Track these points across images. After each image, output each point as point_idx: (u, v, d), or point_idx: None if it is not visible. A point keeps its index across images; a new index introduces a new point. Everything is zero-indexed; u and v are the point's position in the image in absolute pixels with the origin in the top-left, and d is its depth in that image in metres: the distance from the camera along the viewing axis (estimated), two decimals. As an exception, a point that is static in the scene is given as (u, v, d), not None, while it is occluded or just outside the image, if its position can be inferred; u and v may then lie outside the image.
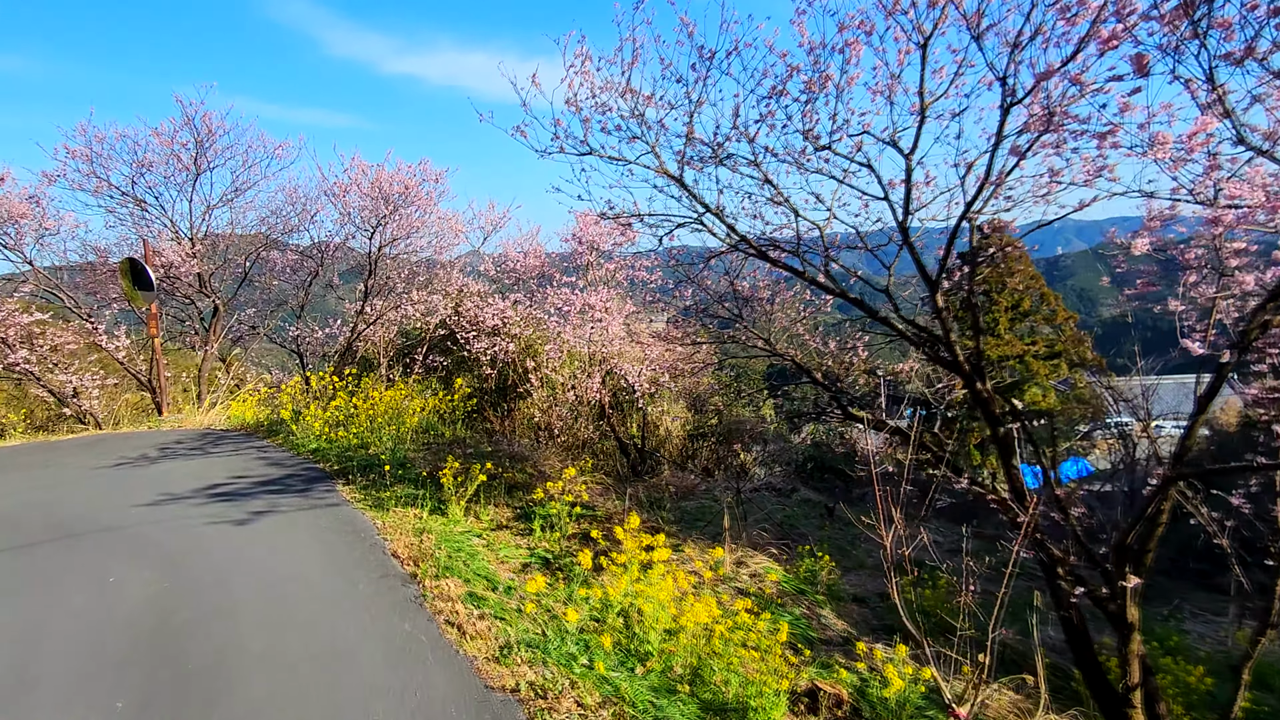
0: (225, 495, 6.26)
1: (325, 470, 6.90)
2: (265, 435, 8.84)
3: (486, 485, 5.91)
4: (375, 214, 14.04)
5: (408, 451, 7.28)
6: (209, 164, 12.76)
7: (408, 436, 7.58)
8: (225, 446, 8.39)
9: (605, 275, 16.82)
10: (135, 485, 7.04)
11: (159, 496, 6.43)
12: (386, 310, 15.24)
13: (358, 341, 15.49)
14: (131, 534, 5.39)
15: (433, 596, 3.87)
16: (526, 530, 5.58)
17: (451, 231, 15.58)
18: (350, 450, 7.32)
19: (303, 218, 14.47)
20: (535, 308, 15.94)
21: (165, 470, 7.55)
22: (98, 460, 8.42)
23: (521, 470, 6.85)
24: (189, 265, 13.07)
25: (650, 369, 15.71)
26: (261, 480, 6.67)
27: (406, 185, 13.77)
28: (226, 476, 6.92)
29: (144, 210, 13.01)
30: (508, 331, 15.54)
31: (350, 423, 7.67)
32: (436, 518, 5.54)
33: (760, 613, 4.60)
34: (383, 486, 6.13)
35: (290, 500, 5.93)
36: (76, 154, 12.08)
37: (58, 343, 12.23)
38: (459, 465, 5.88)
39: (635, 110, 5.95)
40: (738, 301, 8.55)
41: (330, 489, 6.24)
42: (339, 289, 16.49)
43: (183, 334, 14.80)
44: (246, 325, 15.38)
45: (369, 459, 6.94)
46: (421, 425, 7.94)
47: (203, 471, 7.30)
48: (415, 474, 6.52)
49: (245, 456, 7.75)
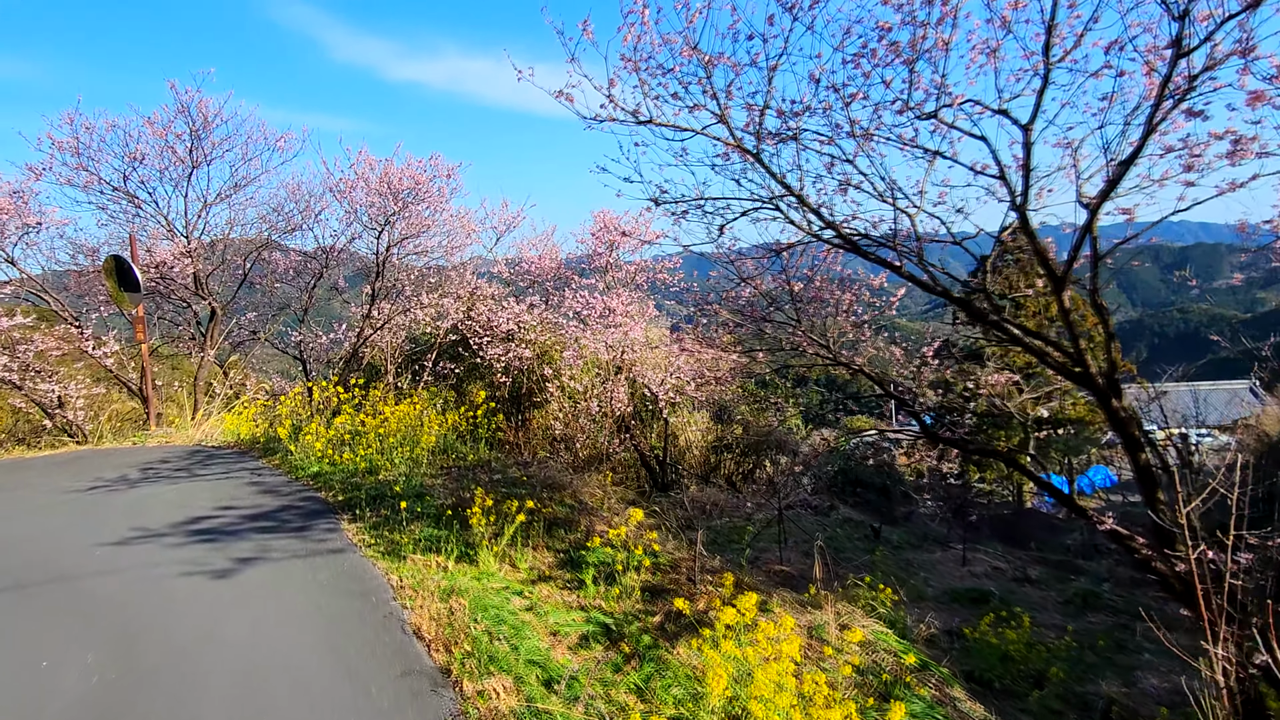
0: (207, 533, 5.12)
1: (328, 501, 5.75)
2: (261, 454, 7.71)
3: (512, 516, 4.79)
4: (383, 211, 12.93)
5: (424, 477, 6.14)
6: (206, 157, 11.64)
7: (424, 458, 6.44)
8: (215, 468, 7.26)
9: (625, 277, 15.72)
10: (107, 516, 5.91)
11: (131, 532, 5.30)
12: (395, 314, 14.12)
13: (364, 347, 14.35)
14: (88, 588, 4.26)
15: (478, 718, 2.73)
16: (576, 583, 4.43)
17: (464, 231, 14.46)
18: (357, 475, 6.18)
19: (306, 215, 13.35)
20: (551, 311, 14.83)
21: (144, 496, 6.42)
22: (72, 482, 7.29)
23: (559, 501, 5.71)
24: (184, 265, 11.95)
25: (674, 377, 14.61)
26: (252, 513, 5.53)
27: (417, 180, 12.66)
28: (212, 507, 5.78)
29: (138, 208, 11.91)
30: (523, 337, 14.42)
31: (357, 442, 6.54)
32: (465, 568, 4.40)
33: (889, 699, 3.48)
34: (397, 525, 4.98)
35: (284, 543, 4.78)
36: (63, 146, 10.96)
37: (42, 348, 11.11)
38: (489, 499, 4.74)
39: (702, 71, 4.83)
40: (795, 304, 7.43)
41: (333, 526, 5.10)
42: (344, 292, 15.38)
43: (177, 339, 13.67)
44: (247, 330, 14.25)
45: (379, 487, 5.79)
46: (439, 445, 6.81)
47: (186, 499, 6.16)
48: (435, 507, 5.37)
49: (236, 481, 6.61)
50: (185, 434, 9.34)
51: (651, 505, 9.96)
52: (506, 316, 13.99)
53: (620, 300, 14.19)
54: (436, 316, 14.29)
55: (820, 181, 5.62)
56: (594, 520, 5.52)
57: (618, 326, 14.03)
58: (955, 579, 10.18)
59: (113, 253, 9.82)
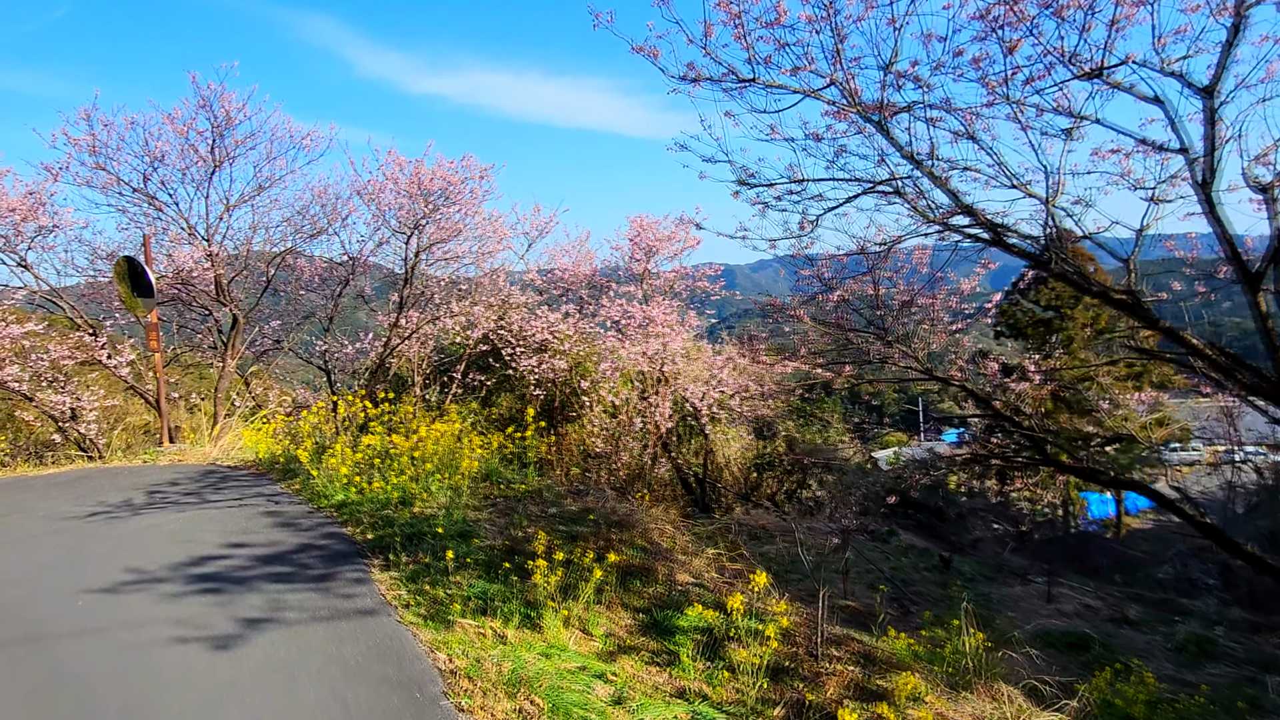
0: (211, 580, 4.18)
1: (355, 539, 4.79)
2: (280, 477, 6.79)
3: (576, 563, 3.80)
4: (413, 214, 12.08)
5: (467, 510, 5.16)
6: (229, 155, 10.86)
7: (465, 487, 5.47)
8: (228, 493, 6.34)
9: (663, 285, 14.78)
10: (100, 551, 5.00)
11: (124, 575, 4.38)
12: (423, 323, 13.23)
13: (391, 358, 13.48)
14: (58, 657, 3.33)
15: None
16: (667, 657, 3.43)
17: (495, 236, 13.56)
18: (389, 507, 5.22)
19: (333, 219, 12.52)
20: (586, 320, 13.89)
21: (145, 528, 5.51)
22: (71, 506, 6.42)
23: (629, 542, 4.71)
24: (205, 269, 11.15)
25: (717, 390, 13.61)
26: (265, 554, 4.59)
27: (449, 181, 11.79)
28: (220, 544, 4.85)
29: (159, 211, 11.14)
30: (556, 347, 13.49)
31: (388, 466, 5.59)
32: (528, 636, 3.42)
33: None
34: (440, 575, 4.00)
35: (302, 597, 3.83)
36: (79, 143, 10.23)
37: (56, 357, 10.33)
38: (552, 543, 3.76)
39: (822, 22, 3.87)
40: (882, 311, 6.42)
41: (362, 575, 4.13)
42: (371, 300, 14.54)
43: (197, 347, 12.88)
44: (270, 339, 13.43)
45: (416, 523, 4.82)
46: (481, 471, 5.83)
47: (192, 533, 5.24)
48: (484, 551, 4.39)
49: (249, 510, 5.68)
50: (200, 451, 8.46)
51: (695, 528, 8.95)
52: (540, 325, 13.06)
53: (660, 309, 13.24)
54: (466, 325, 13.39)
55: (934, 160, 4.62)
56: (672, 567, 4.52)
57: (658, 336, 13.07)
58: (1044, 619, 9.01)
59: (125, 254, 9.00)
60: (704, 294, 15.28)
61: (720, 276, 15.38)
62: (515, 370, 13.22)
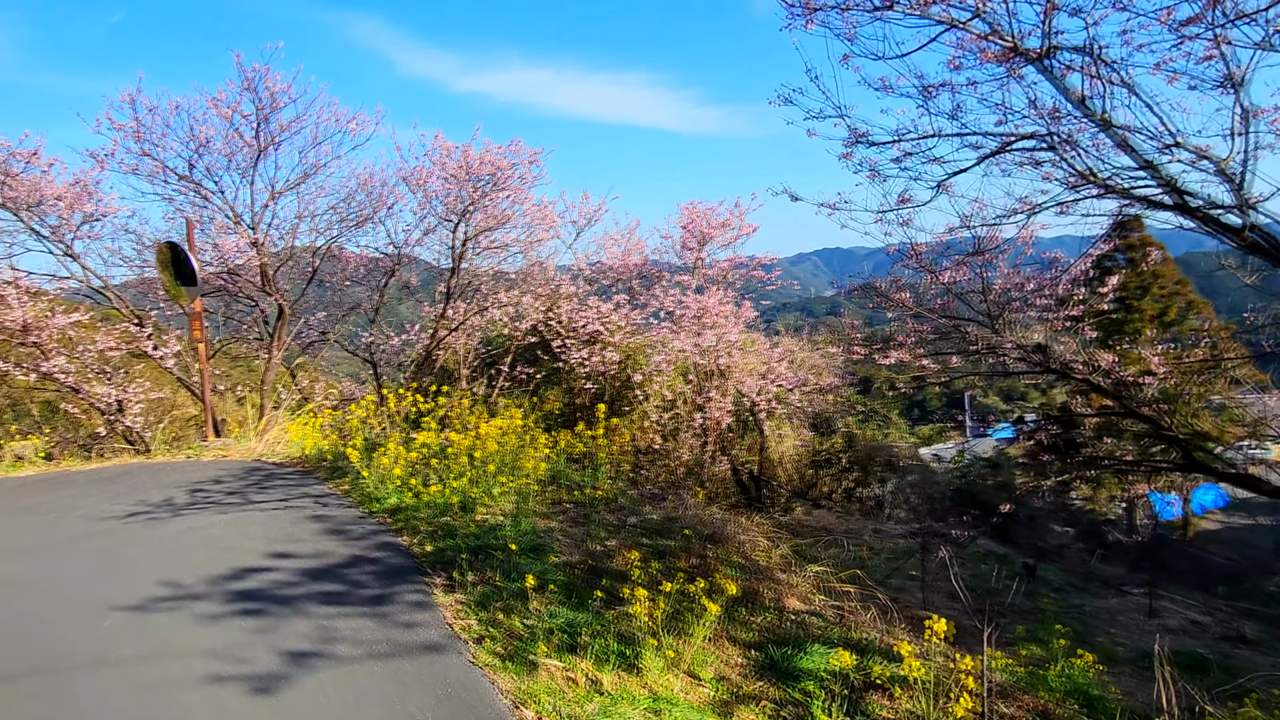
0: (252, 599, 3.63)
1: (412, 551, 4.20)
2: (327, 476, 6.27)
3: (681, 591, 3.14)
4: (460, 201, 11.55)
5: (535, 517, 4.54)
6: (274, 139, 10.42)
7: (530, 490, 4.86)
8: (273, 493, 5.84)
9: (717, 274, 14.03)
10: (136, 559, 4.51)
11: (158, 590, 3.85)
12: (470, 314, 12.72)
13: (437, 350, 13.01)
14: (77, 691, 2.79)
15: None
16: (793, 708, 2.76)
17: (544, 224, 12.96)
18: (448, 513, 4.63)
19: (378, 207, 12.04)
20: (639, 311, 13.24)
21: (185, 531, 5.01)
22: (111, 504, 5.99)
23: (725, 559, 4.05)
24: (250, 259, 10.77)
25: (776, 384, 12.86)
26: (313, 567, 4.03)
27: (498, 166, 11.22)
28: (263, 554, 4.32)
29: (206, 199, 10.78)
30: (607, 339, 12.86)
31: (446, 468, 4.99)
32: (626, 681, 2.77)
33: None
34: (514, 600, 3.38)
35: (355, 624, 3.24)
36: (123, 128, 9.89)
37: (102, 348, 10.04)
38: (641, 560, 3.11)
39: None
40: (992, 297, 5.63)
41: (423, 598, 3.53)
42: (416, 291, 14.08)
43: (242, 339, 12.56)
44: (316, 330, 13.06)
45: (480, 534, 4.20)
46: (548, 473, 5.20)
47: (233, 539, 4.72)
48: (562, 569, 3.75)
49: (296, 513, 5.15)
50: (245, 446, 8.03)
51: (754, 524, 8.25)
52: (592, 316, 12.45)
53: (715, 298, 12.52)
54: (515, 317, 12.85)
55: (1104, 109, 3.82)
56: (778, 590, 3.83)
57: (713, 327, 12.35)
58: (1148, 636, 8.10)
59: (168, 239, 8.59)
60: (759, 284, 14.52)
61: (775, 265, 14.61)
62: (565, 363, 12.65)
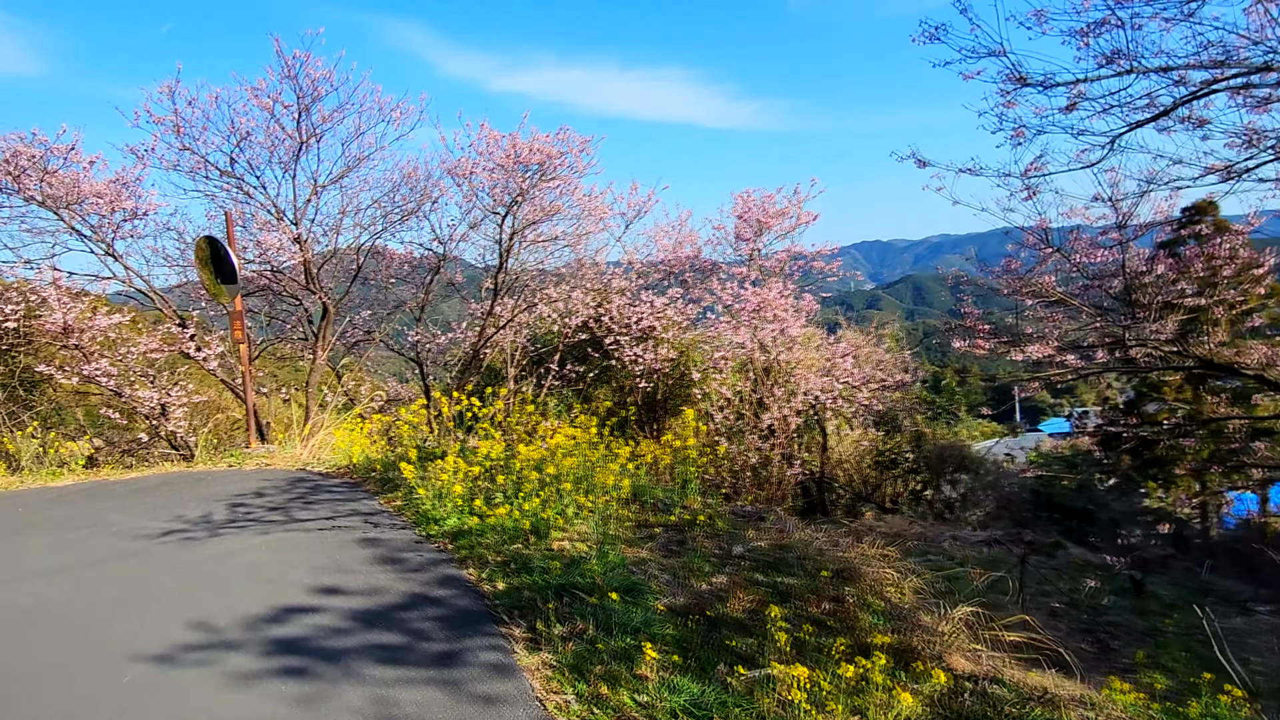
0: (296, 650, 2.97)
1: (481, 590, 3.49)
2: (377, 489, 5.64)
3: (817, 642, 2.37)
4: (508, 192, 10.92)
5: (619, 544, 3.82)
6: (315, 132, 9.89)
7: (611, 512, 4.13)
8: (319, 508, 5.22)
9: (775, 265, 13.19)
10: (166, 589, 3.89)
11: (187, 635, 3.21)
12: (519, 311, 12.10)
13: (485, 348, 12.41)
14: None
15: None
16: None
17: (594, 215, 12.26)
18: (518, 539, 3.92)
19: (422, 200, 11.47)
20: (691, 305, 12.48)
21: (222, 555, 4.40)
22: (146, 520, 5.45)
23: (862, 602, 3.26)
24: (293, 256, 10.28)
25: (842, 380, 11.98)
26: (366, 608, 3.35)
27: (547, 155, 10.54)
28: (308, 588, 3.66)
29: (249, 197, 10.32)
30: (661, 335, 12.12)
31: (513, 484, 4.28)
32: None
33: None
34: (619, 668, 2.65)
35: (421, 694, 2.54)
36: (162, 121, 9.44)
37: (144, 350, 9.64)
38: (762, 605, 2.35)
39: None
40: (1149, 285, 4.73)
41: (501, 658, 2.81)
42: (462, 288, 13.51)
43: (286, 339, 12.11)
44: (361, 329, 12.57)
45: (562, 571, 3.47)
46: (629, 491, 4.46)
47: (274, 566, 4.09)
48: (668, 619, 3.02)
49: (344, 535, 4.50)
50: (290, 453, 7.47)
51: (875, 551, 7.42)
52: (645, 310, 11.72)
53: (776, 291, 11.70)
54: (564, 313, 12.19)
55: None
56: (933, 643, 3.03)
57: (776, 321, 11.54)
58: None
59: (206, 234, 8.07)
60: (818, 275, 13.63)
61: (836, 255, 13.70)
62: (618, 360, 11.95)
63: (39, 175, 8.87)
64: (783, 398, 10.20)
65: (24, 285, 9.06)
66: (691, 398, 11.93)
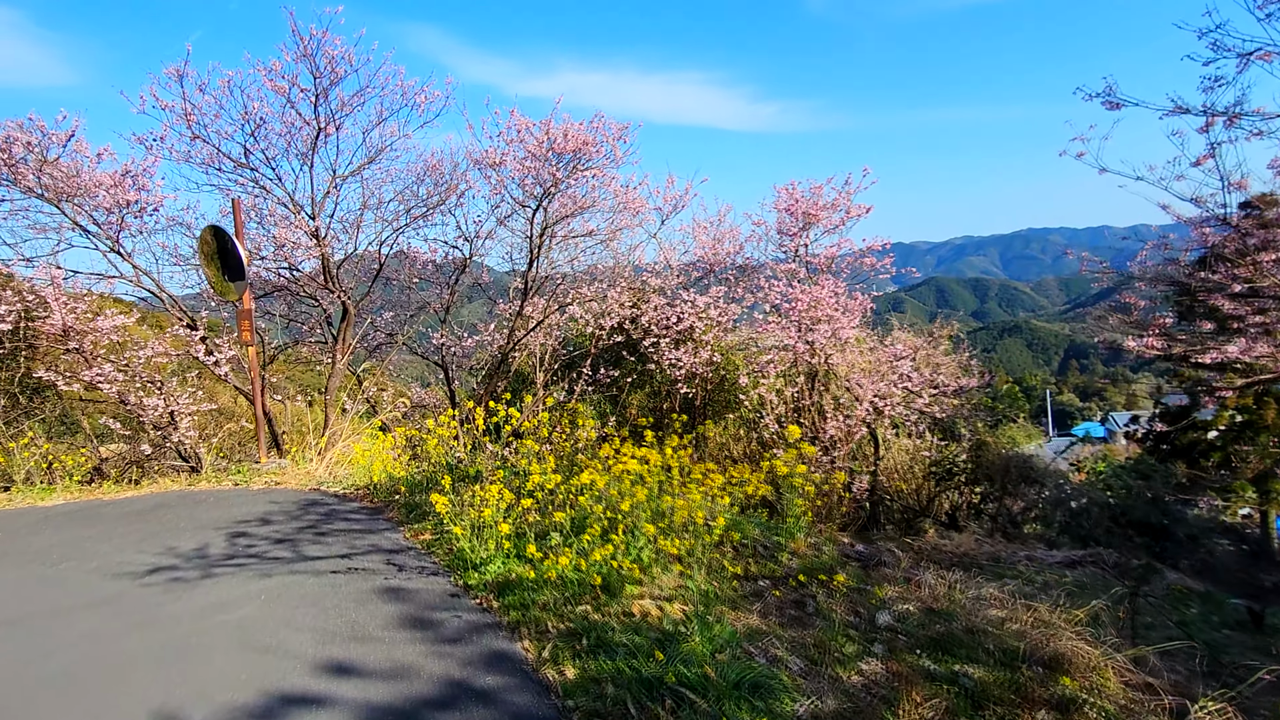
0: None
1: (543, 677, 2.55)
2: (402, 517, 4.72)
3: None
4: (539, 184, 10.02)
5: (720, 605, 2.86)
6: (334, 118, 9.04)
7: (704, 560, 3.15)
8: (332, 543, 4.32)
9: (823, 261, 12.16)
10: (135, 657, 2.99)
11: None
12: (550, 312, 11.20)
13: (514, 351, 11.51)
14: None
15: None
16: None
17: (630, 209, 11.32)
18: (584, 595, 2.98)
19: (447, 194, 10.61)
20: (734, 305, 11.51)
21: (209, 609, 3.50)
22: (133, 553, 4.59)
23: (1076, 706, 2.29)
24: (310, 252, 9.44)
25: (902, 385, 10.95)
26: (389, 702, 2.43)
27: (583, 142, 9.63)
28: (312, 664, 2.75)
29: (266, 192, 9.51)
30: (701, 337, 11.16)
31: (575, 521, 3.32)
32: None
33: None
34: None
35: None
36: (170, 108, 8.64)
37: (150, 354, 8.84)
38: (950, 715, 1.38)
39: None
40: None
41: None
42: (489, 289, 12.63)
43: (303, 341, 11.28)
44: (383, 332, 11.73)
45: (652, 650, 2.54)
46: (724, 528, 3.47)
47: (272, 628, 3.18)
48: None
49: (362, 583, 3.59)
50: (303, 469, 6.59)
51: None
52: (686, 310, 10.76)
53: (827, 289, 10.70)
54: (598, 314, 11.27)
55: None
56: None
57: (828, 320, 10.53)
58: None
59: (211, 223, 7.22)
60: (870, 271, 12.58)
61: (889, 251, 12.64)
62: (656, 364, 11.01)
63: (37, 164, 8.10)
64: (847, 405, 9.17)
65: (20, 285, 8.29)
66: (736, 404, 10.96)
